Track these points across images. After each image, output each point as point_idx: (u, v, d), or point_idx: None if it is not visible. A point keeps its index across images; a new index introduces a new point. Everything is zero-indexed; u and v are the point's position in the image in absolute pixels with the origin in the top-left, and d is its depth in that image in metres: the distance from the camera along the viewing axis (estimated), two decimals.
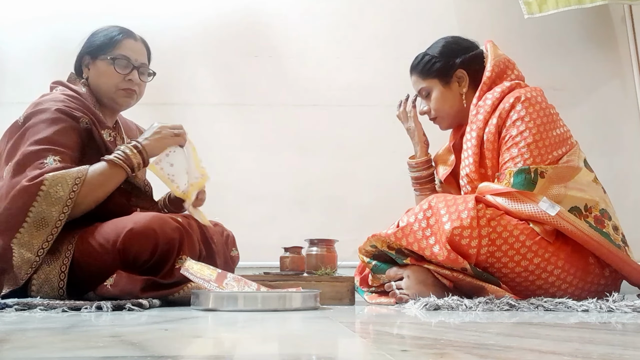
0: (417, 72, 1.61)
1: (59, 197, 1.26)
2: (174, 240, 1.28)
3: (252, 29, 2.49)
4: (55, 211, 1.25)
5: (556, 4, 2.29)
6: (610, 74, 2.54)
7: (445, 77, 1.57)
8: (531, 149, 1.38)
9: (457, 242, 1.27)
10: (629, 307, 1.13)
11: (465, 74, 1.56)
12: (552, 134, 1.41)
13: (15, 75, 2.37)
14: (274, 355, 0.58)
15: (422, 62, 1.59)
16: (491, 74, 1.52)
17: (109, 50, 1.49)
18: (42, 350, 0.57)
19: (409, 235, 1.34)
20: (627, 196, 2.40)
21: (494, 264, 1.30)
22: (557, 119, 1.46)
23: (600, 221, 1.37)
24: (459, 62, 1.56)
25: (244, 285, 1.27)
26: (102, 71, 1.50)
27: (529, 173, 1.35)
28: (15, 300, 1.13)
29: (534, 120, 1.40)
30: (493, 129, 1.43)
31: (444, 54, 1.58)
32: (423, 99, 1.64)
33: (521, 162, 1.37)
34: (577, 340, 0.67)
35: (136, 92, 1.54)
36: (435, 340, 0.67)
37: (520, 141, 1.39)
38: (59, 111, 1.37)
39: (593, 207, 1.38)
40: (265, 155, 2.38)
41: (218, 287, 1.21)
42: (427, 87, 1.60)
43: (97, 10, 2.41)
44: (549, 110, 1.44)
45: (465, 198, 1.32)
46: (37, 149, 1.32)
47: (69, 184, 1.27)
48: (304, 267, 1.49)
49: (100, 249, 1.26)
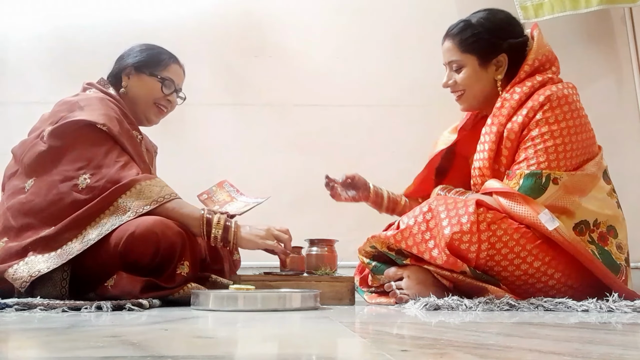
0: (455, 41, 1.46)
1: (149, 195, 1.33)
2: (176, 245, 1.27)
3: (252, 28, 2.49)
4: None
5: (552, 9, 2.33)
6: (610, 74, 2.53)
7: (486, 57, 1.44)
8: (549, 153, 1.32)
9: (456, 247, 1.27)
10: (629, 307, 1.13)
11: (506, 60, 1.44)
12: (578, 138, 1.34)
13: (15, 75, 2.37)
14: (274, 355, 0.58)
15: (466, 33, 1.45)
16: (530, 67, 1.42)
17: (158, 69, 1.58)
18: (42, 350, 0.57)
19: (409, 238, 1.33)
20: (627, 196, 2.39)
21: (494, 267, 1.29)
22: (587, 121, 1.39)
23: (604, 238, 1.34)
24: (505, 46, 1.43)
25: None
26: (147, 86, 1.57)
27: (540, 178, 1.30)
28: (15, 300, 1.13)
29: (559, 123, 1.33)
30: (516, 126, 1.36)
31: (493, 31, 1.44)
32: (450, 70, 1.50)
33: (535, 165, 1.32)
34: (577, 340, 0.67)
35: (167, 111, 1.64)
36: (435, 340, 0.67)
37: (539, 143, 1.32)
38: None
39: (602, 222, 1.34)
40: (265, 155, 2.38)
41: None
42: (461, 60, 1.46)
43: (97, 10, 2.41)
44: (580, 112, 1.38)
45: (466, 202, 1.31)
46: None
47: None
48: (304, 267, 1.49)
49: (102, 250, 1.26)
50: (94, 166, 1.35)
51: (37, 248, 1.27)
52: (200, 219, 1.35)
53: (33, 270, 1.23)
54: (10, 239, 1.32)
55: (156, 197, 1.33)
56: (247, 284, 1.28)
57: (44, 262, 1.25)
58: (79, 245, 1.26)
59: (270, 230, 1.39)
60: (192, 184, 1.67)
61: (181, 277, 1.28)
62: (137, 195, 1.32)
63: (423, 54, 2.37)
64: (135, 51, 1.60)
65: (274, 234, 1.39)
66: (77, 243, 1.27)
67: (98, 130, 1.38)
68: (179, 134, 2.29)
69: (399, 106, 1.91)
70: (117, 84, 1.59)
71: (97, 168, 1.35)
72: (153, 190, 1.34)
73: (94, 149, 1.37)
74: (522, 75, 1.42)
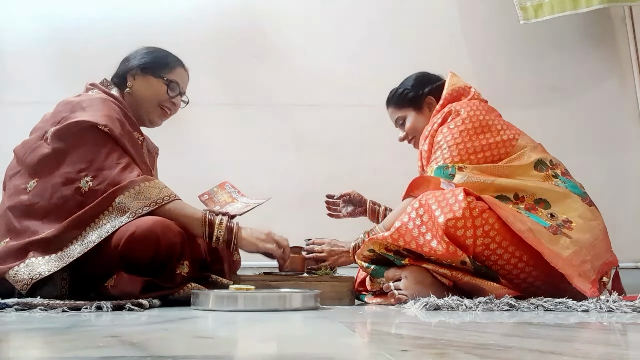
0: (392, 103, 1.79)
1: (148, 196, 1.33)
2: (176, 245, 1.27)
3: (252, 29, 2.49)
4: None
5: (551, 9, 2.34)
6: (610, 74, 2.54)
7: (417, 104, 1.75)
8: (451, 150, 1.51)
9: (453, 234, 1.28)
10: (629, 307, 1.13)
11: (434, 100, 1.72)
12: (478, 139, 1.52)
13: (15, 75, 2.37)
14: (274, 355, 0.58)
15: (397, 95, 1.78)
16: (444, 100, 1.66)
17: (164, 71, 1.59)
18: (42, 350, 0.57)
19: (405, 234, 1.33)
20: (627, 196, 2.40)
21: (490, 257, 1.30)
22: (493, 129, 1.54)
23: (532, 208, 1.41)
24: (427, 91, 1.74)
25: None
26: (153, 87, 1.58)
27: (446, 169, 1.49)
28: (15, 300, 1.13)
29: (458, 127, 1.53)
30: (426, 147, 1.60)
31: (415, 85, 1.76)
32: (399, 127, 1.80)
33: (441, 161, 1.51)
34: (577, 340, 0.67)
35: (170, 113, 1.65)
36: (435, 340, 0.67)
37: (443, 145, 1.53)
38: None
39: (527, 196, 1.43)
40: (265, 155, 2.38)
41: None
42: (402, 115, 1.77)
43: (97, 11, 2.41)
44: (480, 121, 1.55)
45: (454, 192, 1.33)
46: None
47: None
48: (303, 267, 1.49)
49: (102, 250, 1.26)
50: (95, 168, 1.35)
51: (38, 249, 1.27)
52: (201, 220, 1.35)
53: (34, 273, 1.23)
54: (12, 239, 1.32)
55: (155, 199, 1.33)
56: (247, 284, 1.29)
57: (44, 264, 1.24)
58: (80, 248, 1.26)
59: (271, 235, 1.40)
60: (192, 184, 1.67)
61: (181, 276, 1.28)
62: (135, 196, 1.32)
63: (423, 55, 2.37)
64: (141, 53, 1.61)
65: (274, 239, 1.39)
66: (77, 245, 1.27)
67: (100, 132, 1.38)
68: (179, 134, 2.29)
69: None
70: (120, 85, 1.59)
71: (99, 170, 1.35)
72: (152, 192, 1.34)
73: (95, 150, 1.37)
74: (438, 109, 1.66)
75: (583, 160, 1.53)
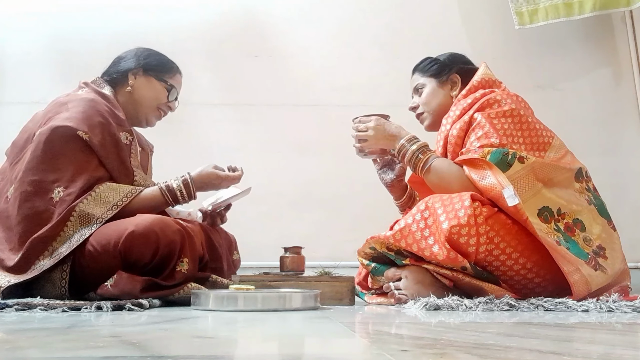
0: (418, 69, 1.73)
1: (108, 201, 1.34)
2: (175, 243, 1.28)
3: (252, 29, 2.49)
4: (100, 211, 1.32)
5: (546, 15, 2.39)
6: (609, 74, 2.54)
7: (441, 77, 1.68)
8: (497, 130, 1.41)
9: (455, 241, 1.27)
10: (629, 307, 1.13)
11: (459, 80, 1.66)
12: (521, 129, 1.44)
13: (15, 75, 2.37)
14: (274, 355, 0.58)
15: (425, 62, 1.72)
16: (477, 84, 1.59)
17: (167, 76, 1.62)
18: (42, 350, 0.57)
19: (408, 236, 1.33)
20: (627, 196, 2.40)
21: (493, 262, 1.30)
22: (532, 127, 1.46)
23: (570, 229, 1.36)
24: (455, 68, 1.68)
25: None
26: (155, 89, 1.60)
27: (506, 155, 1.36)
28: (15, 300, 1.13)
29: (506, 117, 1.44)
30: (455, 132, 1.47)
31: (447, 58, 1.71)
32: (415, 95, 1.73)
33: (487, 141, 1.39)
34: (577, 340, 0.67)
35: (164, 116, 1.67)
36: (435, 340, 0.67)
37: (485, 124, 1.42)
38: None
39: (567, 214, 1.37)
40: (265, 155, 2.38)
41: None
42: (423, 82, 1.70)
43: (96, 11, 2.41)
44: (517, 111, 1.46)
45: (461, 196, 1.32)
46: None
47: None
48: (304, 267, 1.49)
49: (101, 250, 1.26)
50: (67, 180, 1.33)
51: (9, 269, 1.27)
52: (161, 192, 1.41)
53: (2, 281, 1.23)
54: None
55: (115, 202, 1.34)
56: (247, 284, 1.29)
57: (8, 277, 1.25)
58: (49, 261, 1.26)
59: (216, 165, 1.53)
60: None
61: (181, 274, 1.29)
62: (95, 202, 1.32)
63: (423, 55, 2.37)
64: (142, 54, 1.60)
65: (220, 168, 1.55)
66: (47, 260, 1.27)
67: (78, 139, 1.36)
68: (179, 133, 2.29)
69: (399, 106, 1.91)
70: (115, 84, 1.57)
71: (71, 182, 1.33)
72: (109, 195, 1.34)
73: (71, 160, 1.35)
74: (464, 94, 1.59)
75: (582, 160, 1.53)
